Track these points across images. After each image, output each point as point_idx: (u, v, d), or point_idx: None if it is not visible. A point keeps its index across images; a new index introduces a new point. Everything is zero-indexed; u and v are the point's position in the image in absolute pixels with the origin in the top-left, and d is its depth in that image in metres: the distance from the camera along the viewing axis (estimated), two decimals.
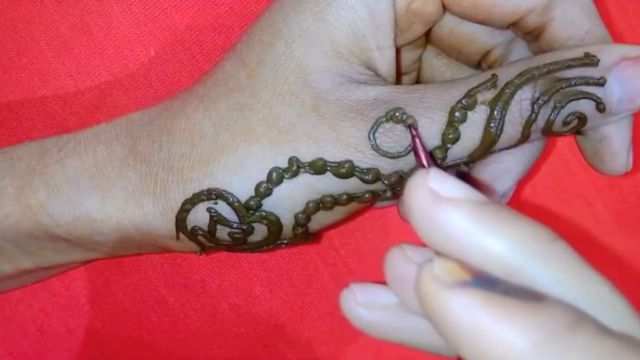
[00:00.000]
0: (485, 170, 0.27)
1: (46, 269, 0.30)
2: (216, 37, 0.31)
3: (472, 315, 0.15)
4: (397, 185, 0.24)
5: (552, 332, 0.15)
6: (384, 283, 0.21)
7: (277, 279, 0.34)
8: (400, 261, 0.20)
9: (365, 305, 0.21)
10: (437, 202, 0.17)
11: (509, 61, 0.27)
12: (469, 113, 0.23)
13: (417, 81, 0.30)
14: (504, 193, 0.28)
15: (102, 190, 0.26)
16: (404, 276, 0.19)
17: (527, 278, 0.16)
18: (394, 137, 0.23)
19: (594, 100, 0.23)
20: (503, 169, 0.27)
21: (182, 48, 0.31)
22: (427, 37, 0.28)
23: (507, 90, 0.23)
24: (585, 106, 0.23)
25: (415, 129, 0.23)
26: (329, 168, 0.24)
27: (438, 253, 0.18)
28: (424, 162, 0.22)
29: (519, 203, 0.35)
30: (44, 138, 0.27)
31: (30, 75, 0.31)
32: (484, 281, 0.16)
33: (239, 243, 0.26)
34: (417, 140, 0.23)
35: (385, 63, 0.25)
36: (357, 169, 0.24)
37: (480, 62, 0.28)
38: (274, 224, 0.25)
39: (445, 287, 0.16)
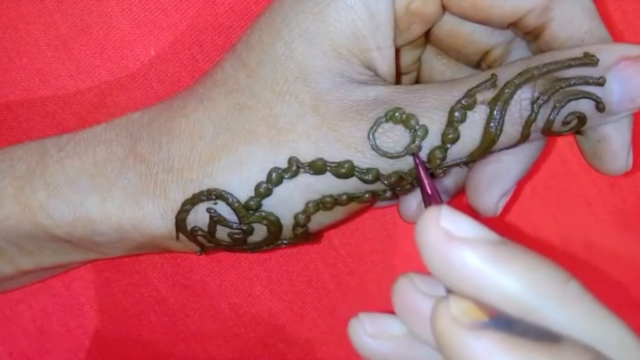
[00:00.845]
0: (485, 170, 0.27)
1: (46, 269, 0.30)
2: (216, 37, 0.31)
3: (492, 358, 0.16)
4: (396, 185, 0.24)
5: None
6: (389, 305, 0.20)
7: (277, 279, 0.34)
8: (409, 291, 0.20)
9: (374, 336, 0.21)
10: (451, 242, 0.17)
11: (509, 61, 0.27)
12: (469, 113, 0.23)
13: (417, 81, 0.30)
14: (504, 193, 0.28)
15: (102, 190, 0.26)
16: (414, 306, 0.19)
17: (543, 318, 0.16)
18: (394, 137, 0.24)
19: (594, 100, 0.23)
20: (503, 169, 0.27)
21: (182, 48, 0.31)
22: (427, 37, 0.28)
23: (506, 90, 0.23)
24: (585, 106, 0.23)
25: (419, 157, 0.23)
26: (328, 168, 0.24)
27: (449, 289, 0.18)
28: (428, 189, 0.22)
29: (519, 203, 0.35)
30: (43, 138, 0.27)
31: (30, 75, 0.31)
32: (501, 322, 0.16)
33: (239, 243, 0.26)
34: (420, 168, 0.23)
35: (385, 63, 0.25)
36: (356, 169, 0.24)
37: (480, 62, 0.28)
38: (274, 224, 0.25)
39: (463, 328, 0.16)
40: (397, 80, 0.29)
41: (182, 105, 0.26)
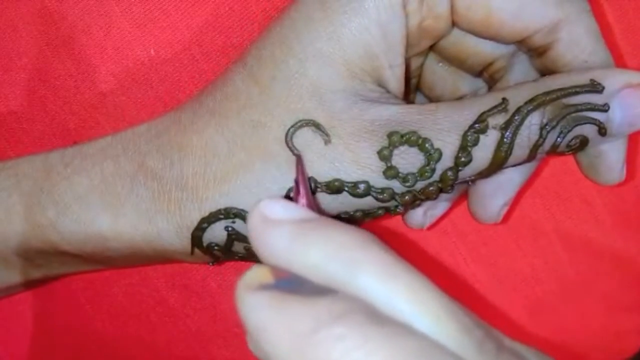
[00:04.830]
0: (488, 181, 0.28)
1: (54, 277, 0.30)
2: (216, 37, 0.32)
3: (256, 313, 0.17)
4: (410, 204, 0.26)
5: (317, 323, 0.16)
6: None
7: None
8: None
9: None
10: (264, 223, 0.19)
11: (512, 74, 0.28)
12: (481, 137, 0.25)
13: (418, 86, 0.31)
14: (506, 202, 0.29)
15: (114, 208, 0.26)
16: None
17: (340, 282, 0.18)
18: (409, 159, 0.25)
19: (597, 125, 0.25)
20: (505, 179, 0.29)
21: (182, 48, 0.31)
22: (430, 46, 0.29)
23: (517, 117, 0.24)
24: (588, 129, 0.25)
25: (302, 162, 0.24)
26: (345, 188, 0.25)
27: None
28: (302, 191, 0.23)
29: (519, 203, 0.35)
30: (47, 153, 0.28)
31: (30, 75, 0.31)
32: (287, 283, 0.18)
33: (254, 256, 0.26)
34: (299, 171, 0.24)
35: (395, 80, 0.26)
36: (372, 188, 0.25)
37: (482, 72, 0.29)
38: None
39: (247, 289, 0.18)
40: (405, 88, 0.29)
41: (192, 119, 0.26)
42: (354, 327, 0.16)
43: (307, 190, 0.23)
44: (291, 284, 0.18)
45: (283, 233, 0.18)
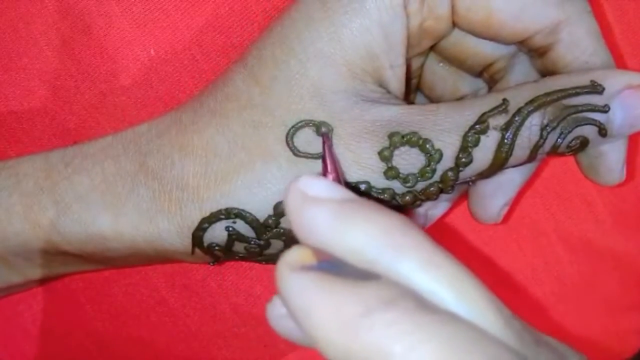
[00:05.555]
0: (489, 181, 0.29)
1: (54, 277, 0.30)
2: (216, 37, 0.32)
3: (301, 294, 0.17)
4: (410, 204, 0.26)
5: (367, 308, 0.16)
6: None
7: None
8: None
9: (286, 316, 0.22)
10: (304, 201, 0.19)
11: (512, 74, 0.28)
12: (482, 137, 0.25)
13: (418, 86, 0.31)
14: (507, 202, 0.29)
15: (114, 207, 0.26)
16: None
17: (382, 267, 0.17)
18: (409, 159, 0.25)
19: (597, 127, 0.25)
20: (506, 179, 0.29)
21: (182, 48, 0.32)
22: (431, 47, 0.29)
23: (517, 118, 0.25)
24: (588, 131, 0.25)
25: (329, 139, 0.24)
26: None
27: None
28: (329, 167, 0.23)
29: (519, 203, 0.35)
30: (47, 152, 0.28)
31: (30, 75, 0.31)
32: (328, 264, 0.18)
33: (254, 256, 0.27)
34: (326, 150, 0.24)
35: (396, 80, 0.26)
36: (373, 189, 0.25)
37: (482, 72, 0.29)
38: (292, 241, 0.26)
39: (290, 270, 0.18)
40: (406, 88, 0.29)
41: (193, 119, 0.26)
42: (404, 314, 0.16)
43: (334, 167, 0.23)
44: (333, 266, 0.18)
45: (324, 212, 0.18)
